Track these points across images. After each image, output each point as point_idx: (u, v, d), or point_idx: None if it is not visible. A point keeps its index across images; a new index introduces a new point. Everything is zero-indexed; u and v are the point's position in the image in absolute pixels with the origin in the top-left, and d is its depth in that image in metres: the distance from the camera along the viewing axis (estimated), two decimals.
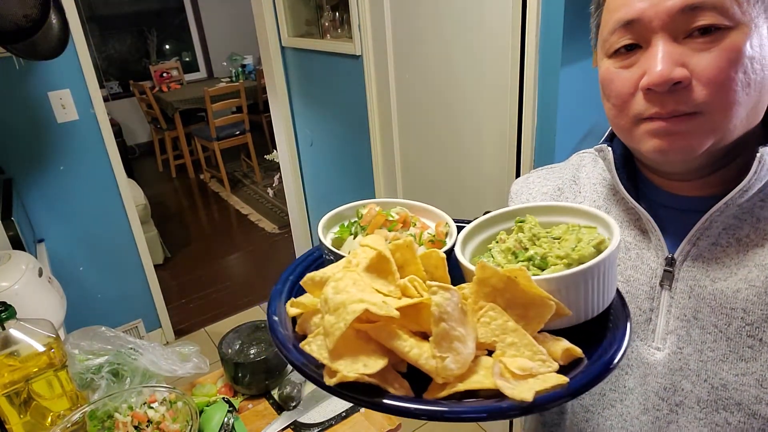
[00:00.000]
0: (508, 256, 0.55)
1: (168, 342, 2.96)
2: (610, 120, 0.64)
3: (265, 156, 5.04)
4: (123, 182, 2.58)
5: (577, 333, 0.50)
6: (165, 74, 5.99)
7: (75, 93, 2.32)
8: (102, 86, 4.53)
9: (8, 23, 1.74)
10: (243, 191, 5.11)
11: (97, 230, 2.57)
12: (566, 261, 0.51)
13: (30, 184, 2.35)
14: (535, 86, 1.55)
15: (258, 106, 5.75)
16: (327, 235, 0.64)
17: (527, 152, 1.65)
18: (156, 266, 2.94)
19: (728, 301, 0.59)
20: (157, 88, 5.79)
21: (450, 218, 0.65)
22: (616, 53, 0.59)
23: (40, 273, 1.60)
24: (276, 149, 3.34)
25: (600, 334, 0.51)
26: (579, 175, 0.78)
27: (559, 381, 0.44)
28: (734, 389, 0.60)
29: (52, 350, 1.00)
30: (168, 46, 6.49)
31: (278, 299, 0.58)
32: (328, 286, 0.46)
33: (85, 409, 1.03)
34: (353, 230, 0.64)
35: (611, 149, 0.66)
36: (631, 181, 0.69)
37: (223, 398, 1.18)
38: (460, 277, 0.54)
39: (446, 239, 0.61)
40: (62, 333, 1.60)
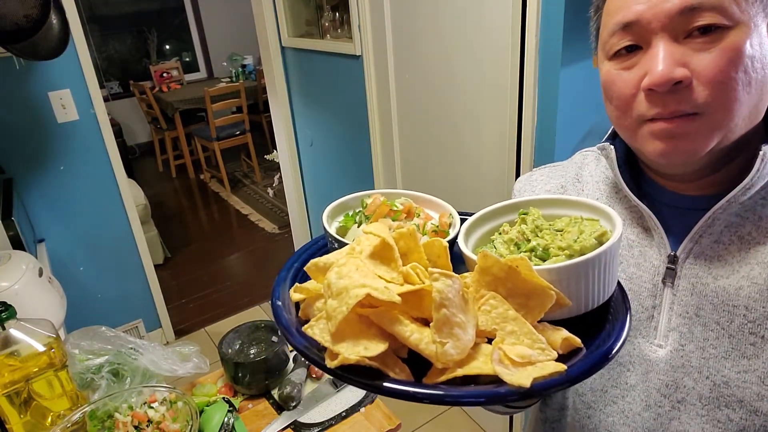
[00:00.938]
0: (511, 247, 0.56)
1: (168, 342, 2.96)
2: (614, 122, 0.64)
3: (265, 156, 5.04)
4: (123, 182, 2.58)
5: (577, 324, 0.51)
6: (165, 74, 5.99)
7: (75, 93, 2.32)
8: (102, 86, 4.54)
9: (8, 23, 1.74)
10: (243, 191, 5.11)
11: (97, 230, 2.57)
12: (568, 252, 0.51)
13: (30, 184, 2.35)
14: (535, 86, 1.55)
15: (258, 106, 5.75)
16: (332, 224, 0.65)
17: (527, 152, 1.65)
18: (156, 266, 2.94)
19: (730, 299, 0.60)
20: (157, 88, 5.79)
21: (454, 209, 0.65)
22: (617, 55, 0.59)
23: (40, 273, 1.60)
24: (276, 149, 3.35)
25: (599, 326, 0.52)
26: (582, 173, 0.78)
27: (557, 368, 0.44)
28: (736, 386, 0.60)
29: (52, 350, 1.00)
30: (168, 46, 6.49)
31: (282, 285, 0.59)
32: (332, 271, 0.47)
33: (85, 409, 1.03)
34: (358, 219, 0.64)
35: (614, 147, 0.67)
36: (634, 180, 0.69)
37: (223, 398, 1.18)
38: (463, 269, 0.55)
39: (449, 230, 0.62)
40: (62, 333, 1.60)
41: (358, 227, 0.63)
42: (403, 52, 2.07)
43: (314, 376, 1.25)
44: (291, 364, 1.27)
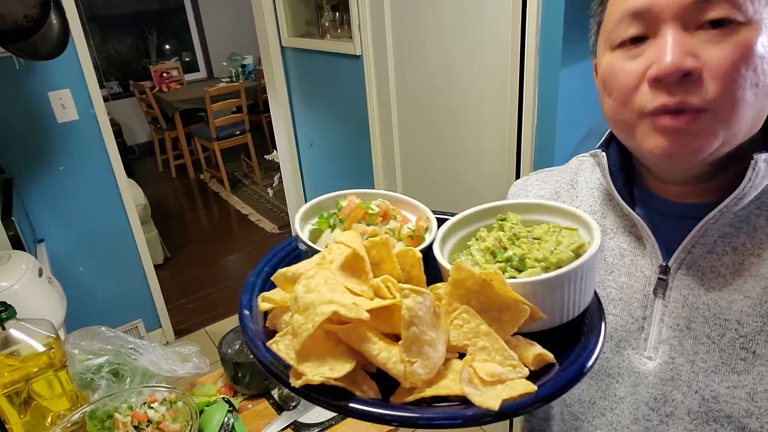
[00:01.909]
0: (486, 256, 0.55)
1: (168, 342, 2.96)
2: (610, 118, 0.61)
3: (265, 156, 5.04)
4: (123, 182, 2.58)
5: (552, 335, 0.50)
6: (165, 74, 5.98)
7: (75, 93, 2.32)
8: (102, 86, 4.53)
9: (8, 23, 1.74)
10: (243, 191, 5.11)
11: (97, 230, 2.56)
12: (544, 264, 0.50)
13: (30, 184, 2.35)
14: (535, 86, 1.55)
15: (258, 106, 5.74)
16: (305, 227, 0.63)
17: (527, 152, 1.65)
18: (156, 266, 2.94)
19: (722, 312, 0.58)
20: (157, 88, 5.79)
21: (431, 212, 0.64)
22: (622, 44, 0.57)
23: (40, 273, 1.60)
24: (276, 149, 3.35)
25: (575, 338, 0.51)
26: (577, 179, 0.77)
27: (527, 389, 0.43)
28: (725, 402, 0.59)
29: (52, 350, 1.00)
30: (168, 46, 6.49)
31: (251, 293, 0.57)
32: (299, 284, 0.46)
33: (85, 409, 1.03)
34: (332, 223, 0.62)
35: (606, 154, 0.65)
36: (628, 187, 0.67)
37: (223, 398, 1.18)
38: (440, 275, 0.54)
39: (426, 234, 0.60)
40: (62, 333, 1.60)
41: (332, 231, 0.61)
42: (403, 52, 2.07)
43: None
44: None
